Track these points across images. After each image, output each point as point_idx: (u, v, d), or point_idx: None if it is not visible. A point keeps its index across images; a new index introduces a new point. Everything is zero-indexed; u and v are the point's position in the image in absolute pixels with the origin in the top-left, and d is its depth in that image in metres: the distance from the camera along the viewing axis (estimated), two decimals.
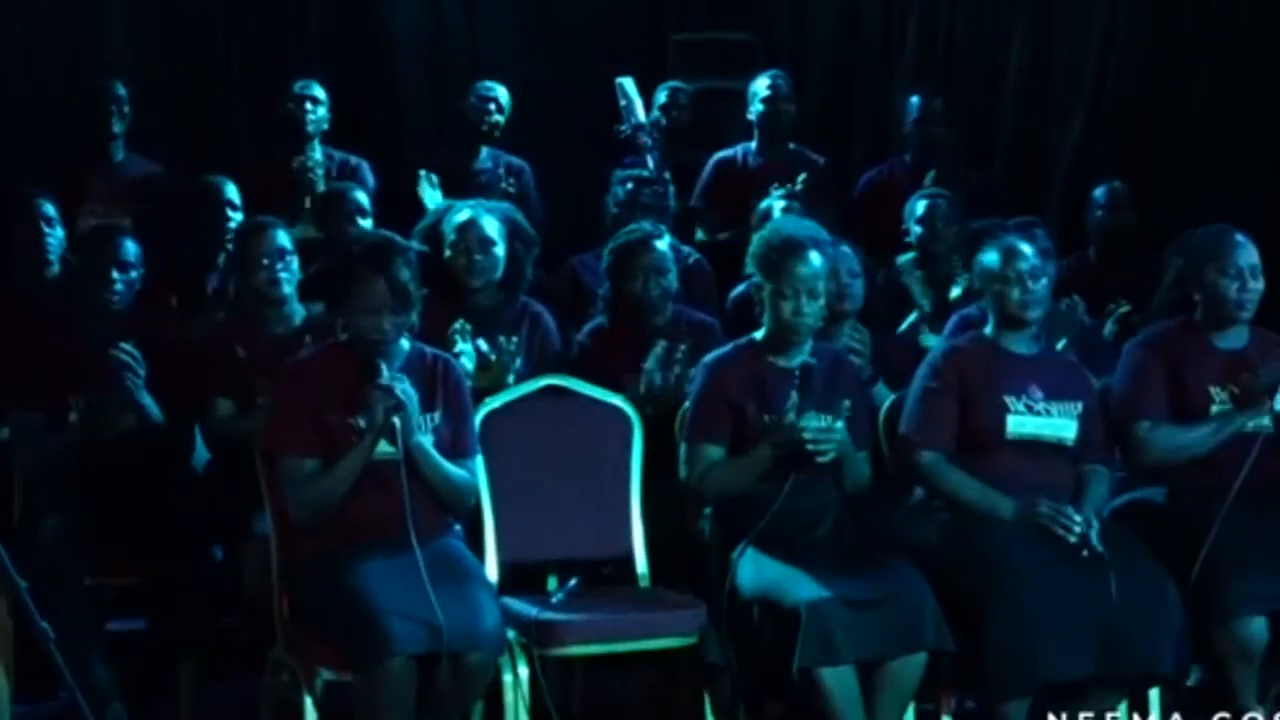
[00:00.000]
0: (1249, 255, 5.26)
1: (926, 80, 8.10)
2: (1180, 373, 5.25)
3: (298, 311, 5.63)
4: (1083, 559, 4.84)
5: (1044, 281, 5.14)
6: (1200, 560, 4.92)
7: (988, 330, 5.23)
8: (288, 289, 5.58)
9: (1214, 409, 5.21)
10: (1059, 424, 5.09)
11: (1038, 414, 5.07)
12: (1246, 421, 5.16)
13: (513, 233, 5.85)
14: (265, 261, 5.56)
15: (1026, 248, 5.16)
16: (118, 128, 7.22)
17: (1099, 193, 7.30)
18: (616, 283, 5.90)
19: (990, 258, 5.17)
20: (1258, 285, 5.25)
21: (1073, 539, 4.86)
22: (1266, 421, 5.15)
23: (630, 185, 6.69)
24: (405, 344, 4.82)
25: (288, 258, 5.58)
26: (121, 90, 7.22)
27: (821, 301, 5.07)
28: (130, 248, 5.49)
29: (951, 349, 5.23)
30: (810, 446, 4.86)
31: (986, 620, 4.75)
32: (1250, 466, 5.03)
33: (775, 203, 6.69)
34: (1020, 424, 5.06)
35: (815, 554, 4.89)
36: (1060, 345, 5.61)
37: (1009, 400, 5.06)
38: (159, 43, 8.16)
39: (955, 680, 4.91)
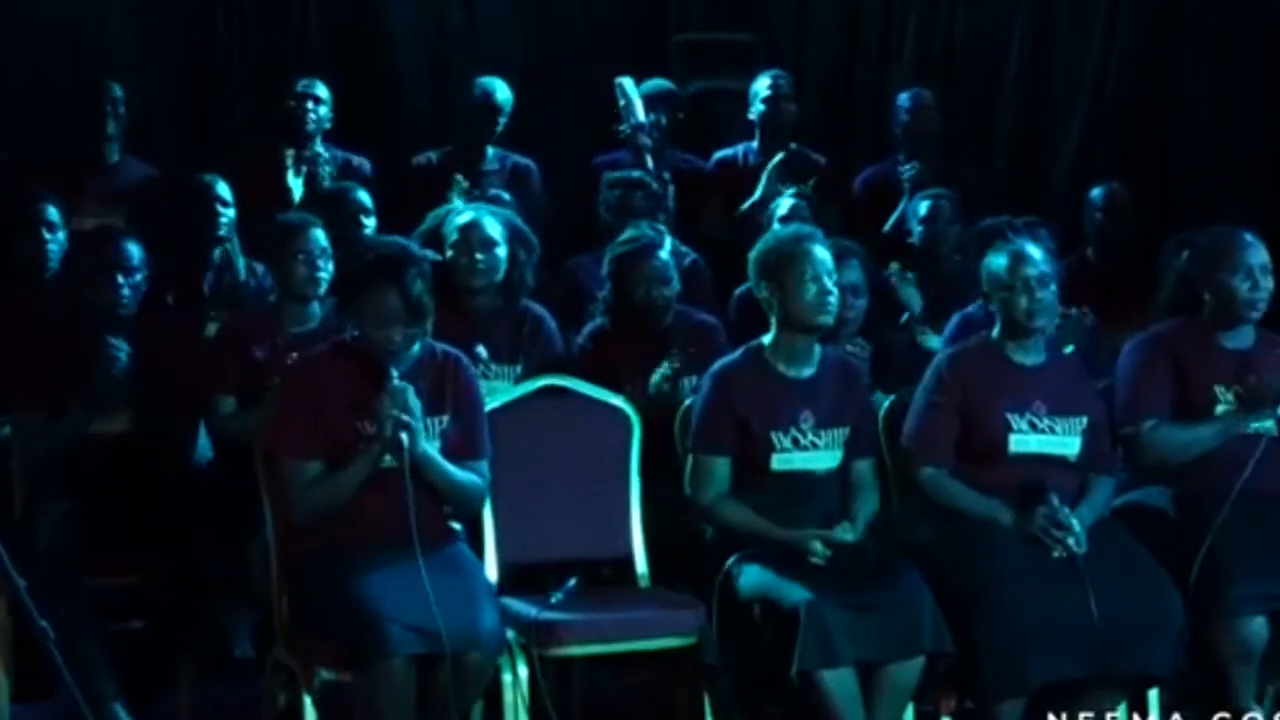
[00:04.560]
0: (1259, 255, 5.26)
1: (927, 80, 8.10)
2: (1185, 371, 5.24)
3: (317, 313, 5.62)
4: (1074, 563, 4.84)
5: (1052, 289, 5.10)
6: (1199, 561, 4.91)
7: (994, 334, 5.20)
8: (324, 289, 5.56)
9: (1219, 409, 5.20)
10: (1062, 441, 5.06)
11: (1041, 431, 5.05)
12: (1250, 424, 5.16)
13: (514, 236, 5.86)
14: (304, 258, 5.54)
15: (1036, 253, 5.11)
16: (112, 129, 7.17)
17: (1096, 194, 7.26)
18: (618, 288, 5.90)
19: (998, 262, 5.11)
20: (1268, 284, 5.24)
21: (1056, 553, 4.86)
22: (1270, 424, 5.15)
23: (619, 191, 6.69)
24: (415, 345, 4.80)
25: (328, 256, 5.57)
26: (118, 91, 7.19)
27: (837, 294, 5.06)
28: (133, 250, 5.49)
29: (957, 357, 5.18)
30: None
31: (975, 623, 4.76)
32: (1253, 468, 5.02)
33: (784, 200, 6.69)
34: (1022, 442, 5.04)
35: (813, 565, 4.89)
36: (1068, 350, 5.60)
37: (1011, 418, 5.04)
38: (160, 42, 8.16)
39: (954, 681, 4.92)
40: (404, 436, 4.58)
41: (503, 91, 7.47)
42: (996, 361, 5.14)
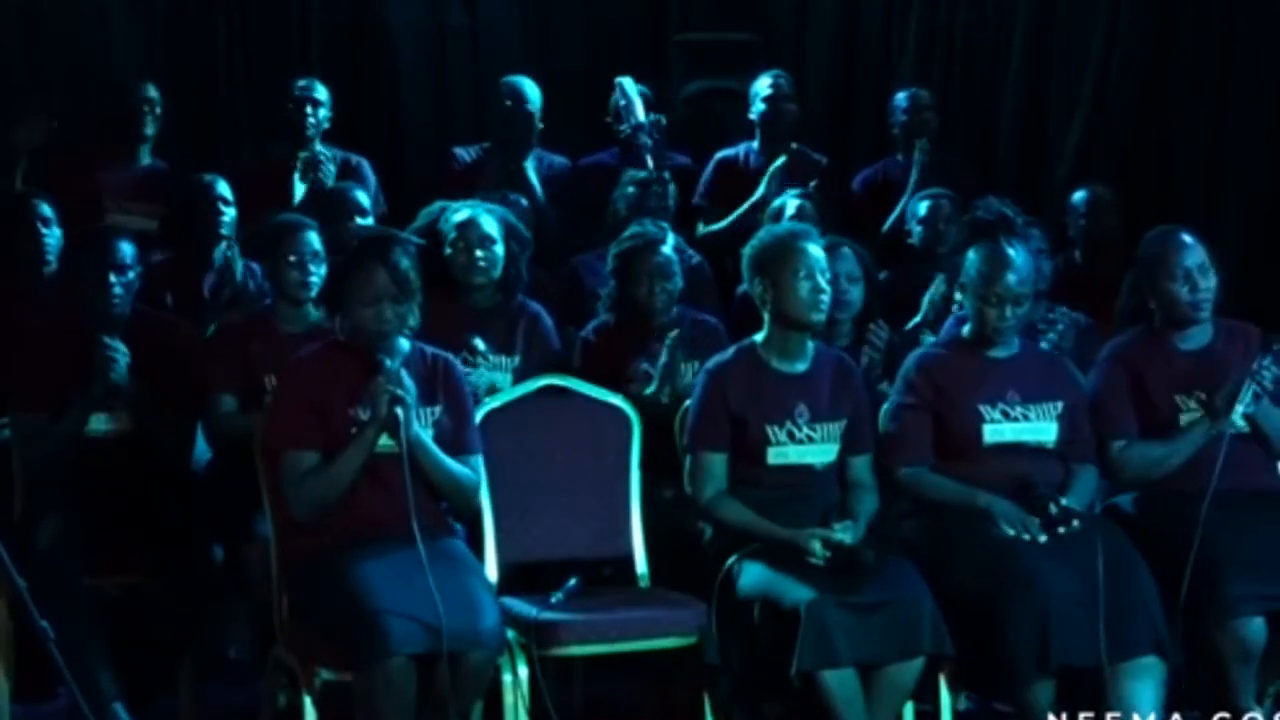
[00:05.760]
0: (1195, 255, 5.23)
1: (927, 80, 8.10)
2: (1146, 383, 5.24)
3: (312, 315, 5.62)
4: (1071, 551, 4.83)
5: (1025, 306, 5.10)
6: (1191, 562, 4.90)
7: (965, 332, 5.21)
8: (315, 292, 5.57)
9: (1183, 417, 5.20)
10: (1038, 427, 5.08)
11: (1014, 419, 5.07)
12: (1224, 429, 5.12)
13: (507, 233, 5.89)
14: (295, 259, 5.55)
15: (1019, 263, 5.06)
16: (150, 129, 7.20)
17: (1078, 199, 7.16)
18: (622, 285, 5.91)
19: (978, 266, 5.10)
20: (1209, 284, 5.22)
21: (1025, 536, 4.86)
22: (1240, 422, 5.14)
23: (637, 189, 6.70)
24: (405, 344, 4.83)
25: (320, 259, 5.58)
26: (154, 93, 7.20)
27: (829, 293, 5.07)
28: (126, 249, 5.47)
29: (925, 359, 5.19)
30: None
31: (1002, 610, 4.74)
32: (1221, 466, 5.00)
33: (789, 201, 6.69)
34: (997, 432, 5.06)
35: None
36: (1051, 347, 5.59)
37: (984, 409, 5.05)
38: (162, 42, 8.17)
39: (955, 679, 4.91)
40: (399, 411, 4.60)
41: (532, 90, 7.41)
42: (968, 357, 5.15)
